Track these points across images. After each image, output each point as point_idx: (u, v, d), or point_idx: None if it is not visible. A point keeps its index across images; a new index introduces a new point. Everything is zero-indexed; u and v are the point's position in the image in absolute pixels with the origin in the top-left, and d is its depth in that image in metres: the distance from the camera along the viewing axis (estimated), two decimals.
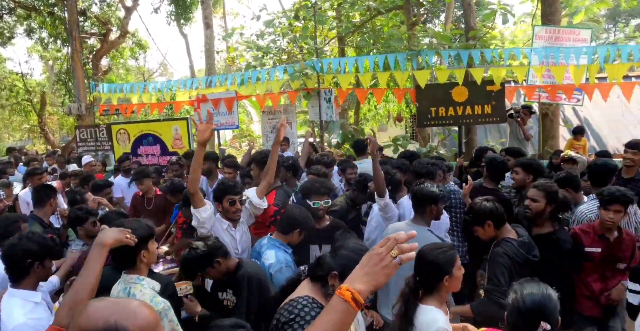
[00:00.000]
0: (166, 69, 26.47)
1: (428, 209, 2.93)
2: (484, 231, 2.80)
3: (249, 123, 15.79)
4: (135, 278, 2.15)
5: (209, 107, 7.69)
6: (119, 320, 1.03)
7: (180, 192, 4.31)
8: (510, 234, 2.78)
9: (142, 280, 2.16)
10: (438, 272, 2.07)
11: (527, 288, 1.78)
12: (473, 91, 6.64)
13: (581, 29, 7.97)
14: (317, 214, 3.21)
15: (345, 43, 10.34)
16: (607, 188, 3.11)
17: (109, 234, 1.91)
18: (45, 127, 16.34)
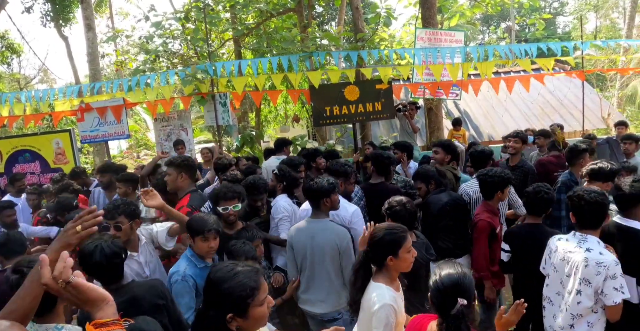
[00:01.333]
0: (47, 75, 23.89)
1: (322, 202, 3.05)
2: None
3: (144, 131, 14.87)
4: (52, 328, 1.75)
5: (95, 116, 7.12)
6: None
7: (69, 211, 3.96)
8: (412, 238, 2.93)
9: (60, 328, 1.77)
10: (382, 251, 2.18)
11: (444, 269, 1.89)
12: (364, 90, 7.00)
13: (456, 31, 8.85)
14: (227, 219, 3.13)
15: (241, 45, 10.23)
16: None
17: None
18: None
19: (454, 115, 10.60)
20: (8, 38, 15.46)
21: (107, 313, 1.12)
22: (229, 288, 1.51)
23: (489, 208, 3.43)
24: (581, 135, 8.28)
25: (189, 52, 9.94)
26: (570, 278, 2.50)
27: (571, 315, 2.48)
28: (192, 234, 2.69)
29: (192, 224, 2.68)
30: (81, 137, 7.19)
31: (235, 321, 1.50)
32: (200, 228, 2.64)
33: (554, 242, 2.72)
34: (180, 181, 3.45)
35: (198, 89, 6.73)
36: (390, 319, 2.07)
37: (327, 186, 3.03)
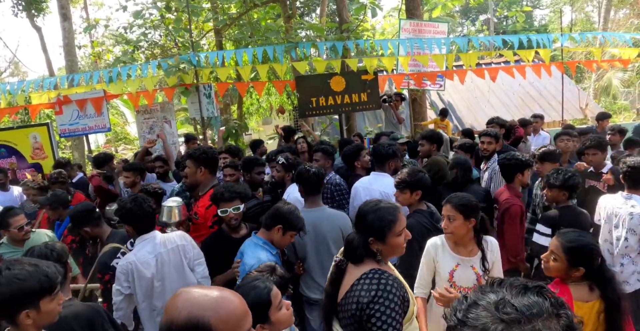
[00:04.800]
0: (18, 68, 23.02)
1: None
2: (409, 197, 2.94)
3: (123, 125, 14.51)
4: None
5: (74, 109, 6.90)
6: (199, 312, 1.04)
7: (64, 207, 3.80)
8: (422, 206, 3.00)
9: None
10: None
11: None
12: (349, 80, 6.99)
13: (440, 23, 8.88)
14: (229, 223, 2.89)
15: (222, 36, 10.04)
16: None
17: None
18: None
19: (437, 106, 10.69)
20: None
21: None
22: (372, 219, 1.83)
23: (514, 192, 3.45)
24: (560, 125, 8.47)
25: (169, 43, 9.71)
26: (618, 228, 3.16)
27: (621, 255, 3.13)
28: (286, 227, 2.56)
29: (293, 219, 2.56)
30: (60, 131, 6.95)
31: (376, 244, 1.83)
32: (299, 225, 2.58)
33: (604, 200, 3.35)
34: (200, 175, 3.19)
35: (182, 80, 6.58)
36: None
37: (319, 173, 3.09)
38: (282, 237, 2.57)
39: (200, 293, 1.09)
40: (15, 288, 1.60)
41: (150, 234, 2.65)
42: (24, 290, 1.61)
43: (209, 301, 1.07)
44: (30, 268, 1.66)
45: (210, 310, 1.05)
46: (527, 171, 3.52)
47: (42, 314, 1.66)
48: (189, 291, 1.10)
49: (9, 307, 1.61)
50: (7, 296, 1.59)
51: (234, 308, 1.09)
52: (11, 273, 1.63)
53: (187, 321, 1.03)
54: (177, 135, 7.02)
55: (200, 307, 1.05)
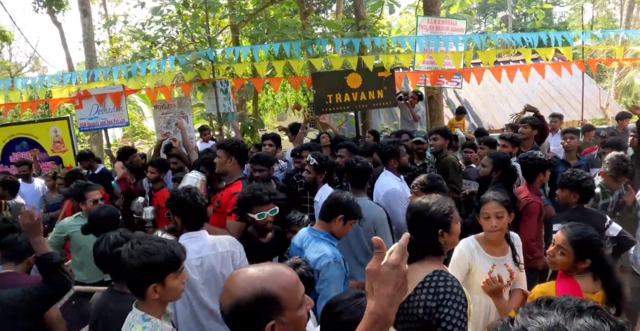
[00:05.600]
0: (38, 63, 23.47)
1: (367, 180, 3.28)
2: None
3: (140, 120, 14.69)
4: (139, 316, 1.70)
5: (94, 104, 7.01)
6: (263, 284, 1.12)
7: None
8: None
9: (146, 320, 1.70)
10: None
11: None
12: (366, 77, 6.96)
13: (457, 20, 8.77)
14: (264, 227, 2.77)
15: (239, 32, 10.08)
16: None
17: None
18: None
19: (454, 104, 10.59)
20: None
21: None
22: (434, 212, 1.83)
23: (534, 190, 3.43)
24: (579, 124, 8.31)
25: (186, 39, 9.78)
26: None
27: None
28: (347, 216, 2.49)
29: (353, 207, 2.51)
30: (80, 125, 7.07)
31: (443, 236, 1.80)
32: (359, 213, 2.55)
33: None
34: (229, 165, 3.16)
35: (199, 76, 6.64)
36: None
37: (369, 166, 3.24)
38: (342, 227, 2.50)
39: (255, 269, 1.17)
40: (145, 261, 1.66)
41: (199, 233, 2.51)
42: (153, 264, 1.67)
43: (266, 274, 1.15)
44: (158, 244, 1.73)
45: (270, 281, 1.13)
46: (548, 171, 3.48)
47: (167, 290, 1.72)
48: (243, 271, 1.18)
49: (138, 280, 1.69)
50: (137, 269, 1.66)
51: (289, 276, 1.18)
52: (141, 247, 1.70)
53: (254, 295, 1.11)
54: (193, 131, 7.08)
55: (262, 280, 1.13)
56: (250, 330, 1.13)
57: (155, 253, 1.69)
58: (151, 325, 1.68)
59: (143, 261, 1.67)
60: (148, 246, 1.71)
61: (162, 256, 1.70)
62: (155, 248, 1.71)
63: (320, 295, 2.30)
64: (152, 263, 1.68)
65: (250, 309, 1.11)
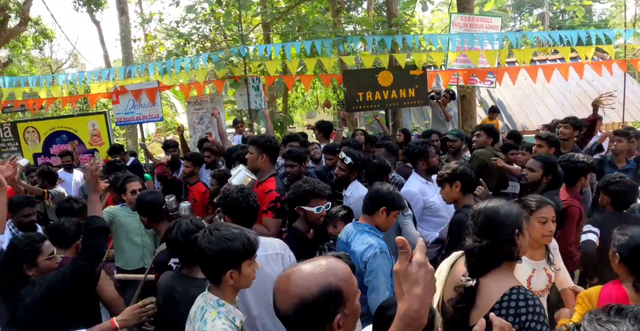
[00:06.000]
0: (77, 60, 24.36)
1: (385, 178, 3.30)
2: (449, 190, 2.86)
3: (173, 116, 15.05)
4: (214, 301, 1.74)
5: (130, 99, 7.22)
6: (326, 279, 1.10)
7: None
8: (469, 201, 2.87)
9: (221, 305, 1.73)
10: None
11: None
12: (397, 75, 6.89)
13: (492, 17, 8.55)
14: (317, 221, 2.75)
15: (270, 30, 10.17)
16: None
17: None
18: None
19: (487, 104, 10.34)
20: (41, 23, 15.71)
21: None
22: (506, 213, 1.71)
23: (574, 194, 3.33)
24: (620, 127, 7.96)
25: (218, 36, 9.95)
26: None
27: None
28: (390, 207, 2.48)
29: (394, 198, 2.50)
30: (116, 119, 7.31)
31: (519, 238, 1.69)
32: (401, 203, 2.56)
33: None
34: (261, 162, 3.17)
35: (231, 73, 6.73)
36: None
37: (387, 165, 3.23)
38: (386, 219, 2.49)
39: (311, 266, 1.15)
40: (224, 247, 1.70)
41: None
42: (231, 250, 1.70)
43: (325, 269, 1.13)
44: (235, 231, 1.76)
45: (331, 275, 1.12)
46: (589, 174, 3.36)
47: (242, 276, 1.75)
48: (298, 269, 1.15)
49: (217, 265, 1.73)
50: (216, 254, 1.70)
51: (344, 267, 1.17)
52: (220, 233, 1.74)
53: (320, 291, 1.09)
54: (225, 126, 7.18)
55: (323, 275, 1.11)
56: (315, 328, 1.11)
57: (233, 239, 1.73)
58: (225, 310, 1.72)
59: (222, 247, 1.70)
60: (226, 232, 1.75)
61: (239, 242, 1.73)
62: (233, 234, 1.75)
63: (370, 286, 2.29)
64: (230, 249, 1.71)
65: (317, 306, 1.09)
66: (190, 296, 2.09)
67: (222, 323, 1.67)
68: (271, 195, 2.97)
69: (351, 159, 3.47)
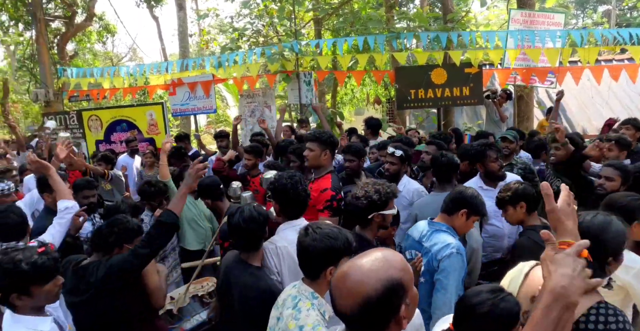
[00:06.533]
0: (135, 54, 25.58)
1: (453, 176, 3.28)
2: (514, 213, 2.70)
3: (224, 108, 15.49)
4: (309, 293, 1.80)
5: (186, 91, 7.50)
6: (387, 273, 1.09)
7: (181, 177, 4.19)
8: (535, 221, 2.74)
9: (315, 298, 1.78)
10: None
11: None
12: (452, 73, 6.70)
13: (555, 13, 8.12)
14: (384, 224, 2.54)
15: (322, 26, 10.20)
16: None
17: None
18: (9, 115, 15.54)
19: (546, 105, 9.86)
20: (105, 19, 16.63)
21: None
22: (612, 236, 1.63)
23: None
24: None
25: (270, 32, 10.10)
26: None
27: None
28: (470, 211, 2.41)
29: (477, 203, 2.43)
30: (172, 110, 7.61)
31: (612, 264, 1.65)
32: (483, 209, 2.47)
33: None
34: (323, 158, 3.10)
35: (283, 67, 6.82)
36: None
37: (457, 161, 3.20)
38: (465, 223, 2.42)
39: (368, 261, 1.12)
40: (328, 245, 1.75)
41: (300, 221, 2.46)
42: (334, 248, 1.76)
43: (383, 262, 1.11)
44: (335, 230, 1.82)
45: (391, 267, 1.10)
46: None
47: None
48: (356, 267, 1.12)
49: (319, 262, 1.79)
50: (320, 252, 1.76)
51: (400, 257, 1.16)
52: (323, 231, 1.80)
53: (384, 286, 1.07)
54: (275, 120, 7.30)
55: (384, 269, 1.09)
56: (381, 323, 1.10)
57: (336, 238, 1.77)
58: (318, 303, 1.77)
59: (327, 245, 1.75)
60: (328, 231, 1.80)
61: (341, 241, 1.77)
62: (335, 233, 1.80)
63: (437, 285, 2.26)
64: (333, 247, 1.76)
65: (382, 302, 1.07)
66: (241, 281, 2.17)
67: (315, 314, 1.72)
68: (326, 194, 2.92)
69: (402, 151, 3.42)
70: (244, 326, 2.17)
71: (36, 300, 1.77)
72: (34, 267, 1.72)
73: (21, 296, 1.74)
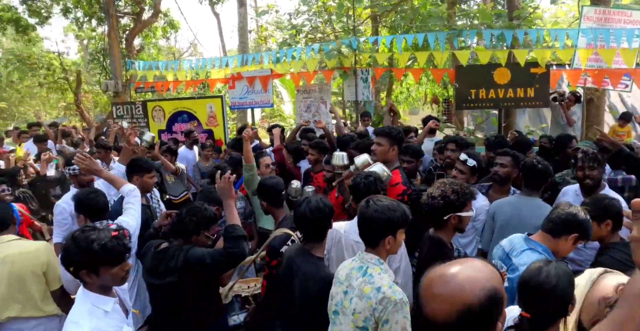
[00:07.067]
0: (196, 49, 26.63)
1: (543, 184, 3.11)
2: (597, 230, 2.50)
3: (279, 104, 15.79)
4: (375, 259, 1.94)
5: (244, 85, 7.71)
6: (490, 282, 1.04)
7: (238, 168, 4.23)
8: (615, 238, 2.57)
9: (381, 263, 1.94)
10: None
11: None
12: (516, 73, 6.41)
13: (633, 11, 7.54)
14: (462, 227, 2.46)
15: (379, 22, 10.11)
16: None
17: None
18: (80, 104, 16.76)
19: (618, 110, 9.20)
20: (169, 15, 17.45)
21: None
22: None
23: None
24: None
25: (327, 29, 10.16)
26: None
27: None
28: (581, 236, 2.25)
29: (589, 227, 2.27)
30: (230, 103, 7.86)
31: None
32: (590, 233, 2.28)
33: None
34: (391, 154, 3.15)
35: (341, 63, 6.83)
36: None
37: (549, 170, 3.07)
38: (570, 247, 2.23)
39: (469, 267, 1.07)
40: (390, 216, 1.93)
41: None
42: (394, 218, 1.93)
43: (485, 272, 1.06)
44: (394, 202, 2.01)
45: (493, 278, 1.05)
46: None
47: (396, 243, 1.98)
48: (454, 272, 1.06)
49: (380, 231, 1.94)
50: (381, 221, 1.93)
51: (495, 269, 1.11)
52: (383, 204, 1.97)
53: (487, 296, 1.01)
54: (330, 116, 7.34)
55: (486, 279, 1.04)
56: None
57: (395, 209, 1.95)
58: (385, 267, 1.95)
59: (388, 216, 1.92)
60: (388, 203, 1.97)
61: (400, 212, 1.95)
62: (394, 205, 1.97)
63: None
64: (393, 217, 1.93)
65: (483, 313, 1.01)
66: (303, 270, 2.23)
67: (387, 276, 1.89)
68: (398, 188, 2.99)
69: (475, 162, 3.23)
70: (303, 315, 2.22)
71: (102, 280, 1.85)
72: (103, 249, 1.79)
73: (90, 274, 1.82)
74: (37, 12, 16.00)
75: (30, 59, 18.14)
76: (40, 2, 16.04)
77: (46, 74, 17.98)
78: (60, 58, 18.16)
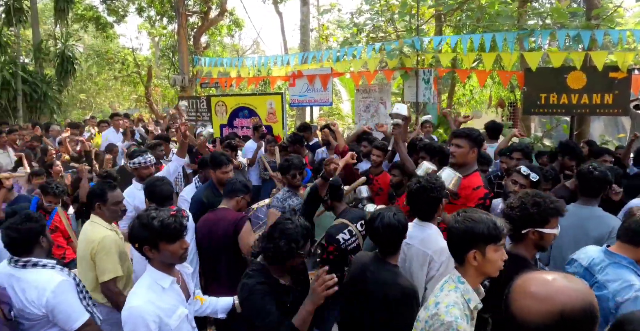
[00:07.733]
0: (258, 47, 27.39)
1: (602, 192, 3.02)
2: None
3: (337, 102, 15.87)
4: (456, 276, 1.82)
5: (305, 83, 7.83)
6: (590, 297, 1.00)
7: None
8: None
9: (461, 282, 1.79)
10: None
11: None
12: (592, 77, 5.98)
13: None
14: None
15: (443, 21, 9.82)
16: None
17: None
18: (150, 97, 17.81)
19: None
20: (234, 14, 18.07)
21: None
22: None
23: None
24: None
25: (389, 28, 10.03)
26: None
27: None
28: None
29: None
30: (290, 101, 8.01)
31: None
32: None
33: None
34: (471, 156, 3.09)
35: (402, 63, 6.73)
36: None
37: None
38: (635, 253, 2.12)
39: (569, 277, 1.04)
40: (469, 227, 1.79)
41: (429, 225, 2.56)
42: (474, 231, 1.77)
43: (585, 286, 1.03)
44: (482, 214, 1.83)
45: (591, 295, 1.01)
46: None
47: (486, 260, 1.77)
48: (557, 276, 1.04)
49: (460, 244, 1.81)
50: (460, 233, 1.80)
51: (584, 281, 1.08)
52: (467, 215, 1.85)
53: (583, 308, 0.98)
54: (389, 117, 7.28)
55: (587, 293, 1.01)
56: None
57: (478, 221, 1.78)
58: (463, 288, 1.77)
59: (467, 227, 1.78)
60: (473, 215, 1.83)
61: (484, 225, 1.76)
62: (479, 217, 1.81)
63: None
64: (473, 229, 1.77)
65: (576, 321, 0.97)
66: (378, 277, 2.24)
67: (455, 296, 1.74)
68: (480, 192, 2.91)
69: (538, 176, 3.04)
70: (381, 322, 2.22)
71: (162, 256, 2.01)
72: (162, 225, 1.96)
73: (152, 250, 1.99)
74: (115, 11, 17.25)
75: (107, 54, 19.59)
76: (117, 1, 17.26)
77: (121, 68, 19.31)
78: (134, 54, 19.42)
